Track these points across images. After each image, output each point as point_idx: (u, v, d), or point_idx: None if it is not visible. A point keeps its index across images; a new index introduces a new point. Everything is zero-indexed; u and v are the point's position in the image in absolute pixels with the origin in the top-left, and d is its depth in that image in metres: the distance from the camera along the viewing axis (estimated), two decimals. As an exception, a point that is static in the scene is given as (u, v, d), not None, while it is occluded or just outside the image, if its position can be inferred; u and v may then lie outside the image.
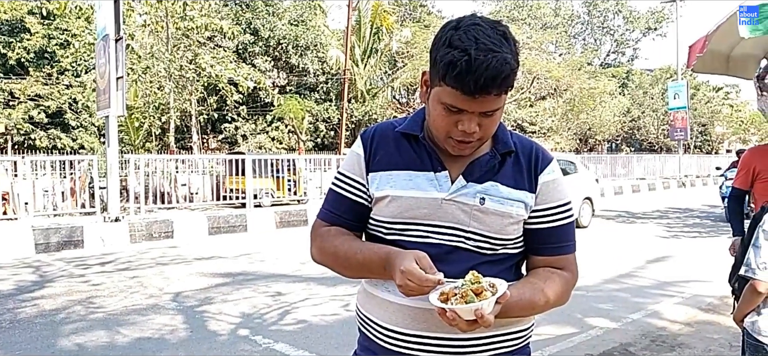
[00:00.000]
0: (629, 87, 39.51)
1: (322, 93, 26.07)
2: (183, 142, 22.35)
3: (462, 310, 1.22)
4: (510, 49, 1.27)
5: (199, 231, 11.08)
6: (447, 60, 1.25)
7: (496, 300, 1.24)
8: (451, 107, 1.30)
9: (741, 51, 4.59)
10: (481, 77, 1.23)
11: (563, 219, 1.45)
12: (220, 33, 18.06)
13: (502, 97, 1.30)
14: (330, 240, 1.47)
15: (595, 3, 43.51)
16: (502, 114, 1.38)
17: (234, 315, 5.58)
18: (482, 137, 1.35)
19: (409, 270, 1.25)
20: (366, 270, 1.42)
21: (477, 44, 1.23)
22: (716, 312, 5.53)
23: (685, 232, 11.71)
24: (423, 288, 1.25)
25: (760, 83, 0.81)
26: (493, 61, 1.23)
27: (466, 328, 1.24)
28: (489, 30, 1.27)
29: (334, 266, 1.50)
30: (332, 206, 1.50)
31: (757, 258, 2.26)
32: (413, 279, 1.25)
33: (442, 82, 1.29)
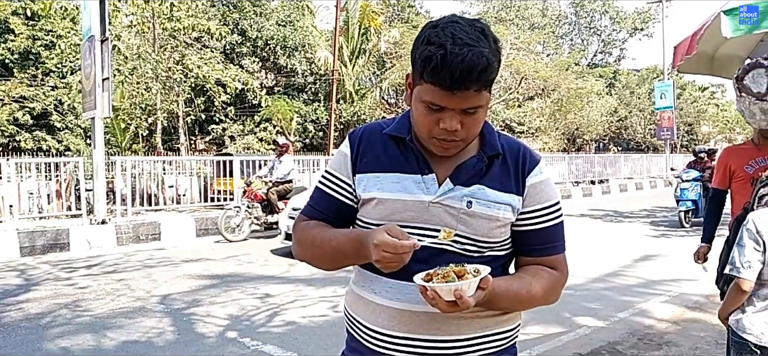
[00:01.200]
0: (616, 87, 39.76)
1: (310, 94, 26.02)
2: (170, 144, 22.20)
3: (442, 289, 1.23)
4: (488, 44, 1.28)
5: (187, 233, 11.02)
6: (424, 56, 1.27)
7: (479, 285, 1.25)
8: (431, 105, 1.30)
9: (725, 51, 4.65)
10: (457, 70, 1.23)
11: (552, 219, 1.45)
12: (208, 34, 17.95)
13: (483, 94, 1.30)
14: (308, 232, 1.48)
15: (582, 4, 43.75)
16: (487, 113, 1.37)
17: (222, 317, 5.55)
18: (466, 137, 1.35)
19: (383, 240, 1.25)
20: (341, 255, 1.42)
21: (454, 39, 1.24)
22: (703, 311, 5.58)
23: (671, 231, 11.80)
24: (400, 255, 1.25)
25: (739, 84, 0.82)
26: (469, 55, 1.23)
27: (446, 309, 1.24)
28: (467, 27, 1.28)
29: (312, 258, 1.50)
30: (316, 203, 1.51)
31: (741, 257, 2.29)
32: (388, 249, 1.24)
33: (421, 80, 1.30)
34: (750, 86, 0.69)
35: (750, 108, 0.67)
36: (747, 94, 0.69)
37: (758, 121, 0.66)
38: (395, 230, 1.28)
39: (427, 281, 1.26)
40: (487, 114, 1.38)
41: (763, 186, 2.57)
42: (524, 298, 1.40)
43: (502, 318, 1.44)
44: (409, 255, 1.26)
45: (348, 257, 1.41)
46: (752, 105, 0.68)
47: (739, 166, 3.53)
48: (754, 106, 0.67)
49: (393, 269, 1.29)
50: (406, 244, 1.25)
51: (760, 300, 2.34)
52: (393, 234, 1.26)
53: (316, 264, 1.52)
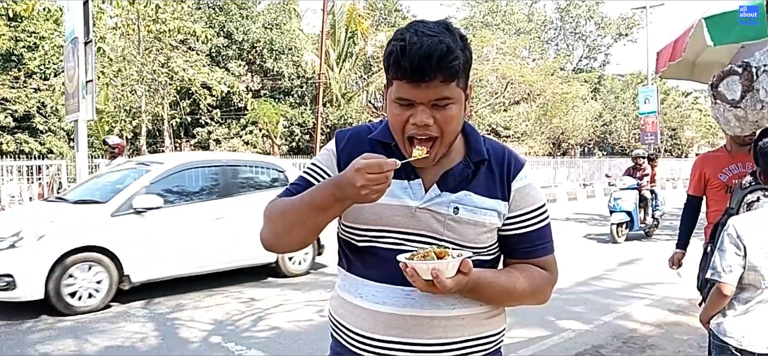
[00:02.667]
0: (601, 92, 40.12)
1: (296, 97, 25.94)
2: (155, 147, 22.03)
3: (419, 266, 1.24)
4: (451, 36, 1.29)
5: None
6: (387, 51, 1.30)
7: (459, 269, 1.26)
8: (401, 101, 1.31)
9: (706, 58, 4.70)
10: (416, 57, 1.25)
11: (539, 222, 1.46)
12: (193, 36, 17.84)
13: (452, 87, 1.30)
14: (279, 204, 1.41)
15: (567, 9, 44.13)
16: (462, 113, 1.36)
17: (206, 321, 5.51)
18: (440, 135, 1.33)
19: (365, 164, 1.21)
20: (315, 208, 1.31)
21: (415, 32, 1.27)
22: (685, 314, 5.63)
23: (657, 235, 11.90)
24: (386, 174, 1.21)
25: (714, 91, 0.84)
26: (427, 42, 1.25)
27: (424, 288, 1.25)
28: (431, 23, 1.31)
29: (282, 228, 1.38)
30: (297, 189, 1.45)
31: (722, 262, 2.31)
32: (373, 169, 1.20)
33: (389, 78, 1.32)
34: (724, 93, 0.70)
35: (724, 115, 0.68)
36: (721, 101, 0.70)
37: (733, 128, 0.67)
38: (372, 155, 1.25)
39: (409, 260, 1.27)
40: (465, 114, 1.37)
41: (750, 192, 2.60)
42: (511, 292, 1.40)
43: (488, 321, 1.44)
44: (392, 175, 1.23)
45: (323, 209, 1.30)
46: (726, 112, 0.69)
47: (713, 173, 3.58)
48: (729, 113, 0.68)
49: (378, 194, 1.23)
50: (389, 161, 1.22)
51: (740, 303, 2.37)
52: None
53: (285, 239, 1.41)
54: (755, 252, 2.26)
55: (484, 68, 26.91)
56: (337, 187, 1.26)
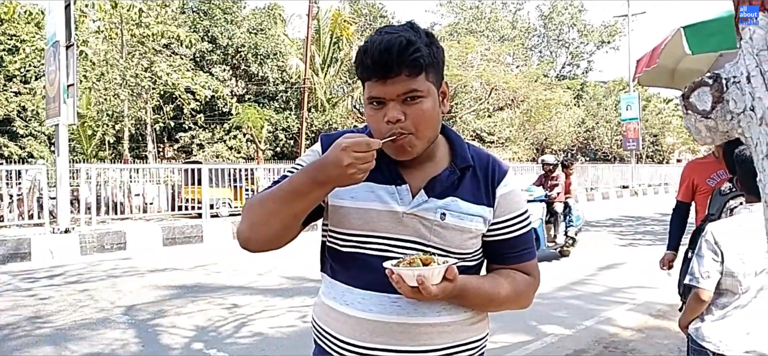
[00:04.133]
0: (584, 98, 40.53)
1: (281, 102, 25.88)
2: (138, 151, 21.84)
3: (405, 273, 1.24)
4: (415, 33, 1.31)
5: (153, 243, 10.82)
6: (356, 56, 1.34)
7: (445, 276, 1.26)
8: (372, 100, 1.33)
9: (686, 66, 4.76)
10: (376, 51, 1.28)
11: (522, 228, 1.48)
12: (177, 40, 17.72)
13: (420, 80, 1.30)
14: (256, 196, 1.38)
15: (550, 17, 44.57)
16: (437, 108, 1.36)
17: (188, 328, 5.46)
18: (414, 132, 1.32)
19: (351, 143, 1.19)
20: (294, 193, 1.27)
21: (380, 33, 1.31)
22: (666, 319, 5.68)
23: (637, 240, 12.03)
24: (372, 150, 1.20)
25: (685, 102, 0.85)
26: (387, 37, 1.28)
27: (410, 294, 1.25)
28: (396, 26, 1.34)
29: (260, 220, 1.33)
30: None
31: (700, 268, 2.33)
32: (359, 148, 1.18)
33: (362, 83, 1.35)
34: (696, 104, 0.72)
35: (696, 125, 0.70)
36: (693, 111, 0.72)
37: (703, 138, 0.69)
38: (356, 133, 1.27)
39: (395, 267, 1.28)
40: (442, 113, 1.39)
41: (733, 198, 2.63)
42: (495, 298, 1.41)
43: (472, 327, 1.44)
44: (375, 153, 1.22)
45: (303, 195, 1.26)
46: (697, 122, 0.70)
47: (702, 179, 3.64)
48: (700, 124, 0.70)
49: (364, 174, 1.21)
50: (374, 140, 1.22)
51: (718, 308, 2.39)
52: None
53: (262, 229, 1.34)
54: (732, 258, 2.29)
55: (469, 74, 27.06)
56: (320, 170, 1.23)
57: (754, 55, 0.78)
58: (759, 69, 0.78)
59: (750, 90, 0.80)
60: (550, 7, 44.63)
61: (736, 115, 0.82)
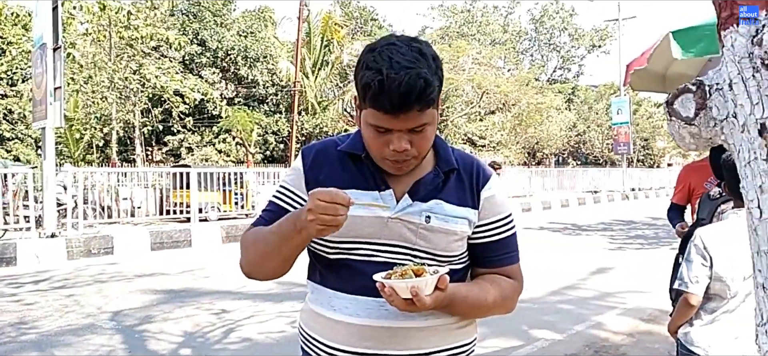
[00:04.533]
0: (575, 102, 40.76)
1: (271, 105, 25.83)
2: (126, 155, 21.71)
3: (398, 286, 1.23)
4: (427, 64, 1.27)
5: (141, 247, 10.73)
6: (363, 82, 1.27)
7: (437, 285, 1.26)
8: (377, 127, 1.30)
9: (675, 70, 4.79)
10: (395, 95, 1.23)
11: (506, 231, 1.48)
12: (166, 43, 17.65)
13: (428, 112, 1.30)
14: (252, 235, 1.44)
15: (542, 20, 44.83)
16: (436, 129, 1.38)
17: (176, 334, 5.40)
18: (417, 154, 1.35)
19: (316, 191, 1.21)
20: (282, 239, 1.32)
21: (391, 63, 1.24)
22: (656, 323, 5.69)
23: (628, 244, 12.07)
24: (335, 205, 1.19)
25: (669, 108, 0.85)
26: (406, 78, 1.23)
27: (403, 307, 1.24)
28: (404, 48, 1.27)
29: (256, 258, 1.41)
30: (270, 216, 1.46)
31: (689, 273, 2.33)
32: (323, 197, 1.19)
33: (365, 104, 1.30)
34: (679, 110, 0.71)
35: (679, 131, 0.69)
36: (676, 118, 0.71)
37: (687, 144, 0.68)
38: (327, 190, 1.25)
39: (386, 279, 1.27)
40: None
41: (724, 202, 2.63)
42: (483, 304, 1.42)
43: (460, 331, 1.45)
44: (346, 210, 1.21)
45: (290, 240, 1.31)
46: (681, 129, 0.69)
47: (698, 183, 3.65)
48: (683, 130, 0.69)
49: (331, 227, 1.21)
50: (341, 194, 1.21)
51: (707, 313, 2.39)
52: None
53: (259, 268, 1.43)
54: (721, 263, 2.28)
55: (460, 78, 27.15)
56: (297, 217, 1.27)
57: (735, 62, 0.77)
58: (741, 76, 0.77)
59: (732, 97, 0.78)
60: (542, 11, 44.90)
61: (718, 122, 0.80)
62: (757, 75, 0.74)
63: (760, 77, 0.74)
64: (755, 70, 0.74)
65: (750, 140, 0.77)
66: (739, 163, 0.80)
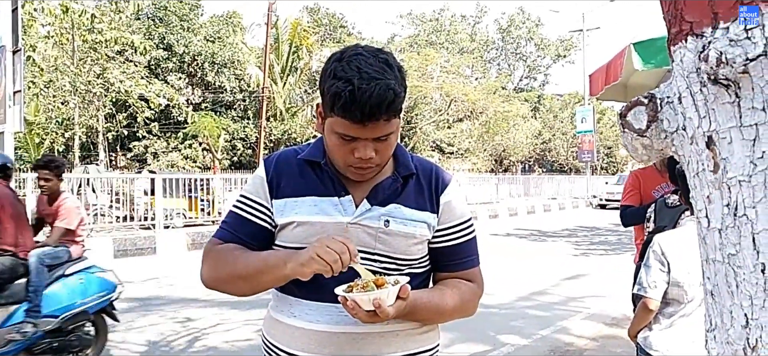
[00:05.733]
0: (541, 111, 41.38)
1: (239, 111, 25.57)
2: (89, 160, 21.21)
3: (361, 299, 1.24)
4: (393, 75, 1.30)
5: (104, 254, 10.47)
6: (332, 92, 1.28)
7: (399, 295, 1.28)
8: (344, 136, 1.32)
9: (636, 81, 4.91)
10: (366, 105, 1.25)
11: (466, 235, 1.50)
12: (131, 47, 17.34)
13: (394, 121, 1.33)
14: (227, 252, 1.44)
15: (508, 30, 45.46)
16: (398, 137, 1.41)
17: (139, 343, 5.30)
18: (380, 162, 1.38)
19: (325, 239, 1.28)
20: (264, 266, 1.37)
21: (360, 74, 1.26)
22: (619, 327, 5.80)
23: (592, 250, 12.29)
24: (345, 249, 1.26)
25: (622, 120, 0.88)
26: (377, 89, 1.25)
27: (366, 319, 1.25)
28: (371, 58, 1.30)
29: (228, 277, 1.42)
30: (232, 227, 1.48)
31: (648, 278, 2.39)
32: (333, 245, 1.25)
33: (332, 113, 1.31)
34: (632, 122, 0.73)
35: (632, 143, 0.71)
36: (629, 129, 0.73)
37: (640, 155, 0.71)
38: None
39: (348, 292, 1.27)
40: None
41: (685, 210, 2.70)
42: (444, 310, 1.43)
43: (422, 336, 1.46)
44: (350, 255, 1.27)
45: (273, 269, 1.35)
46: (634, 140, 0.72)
47: (647, 191, 3.78)
48: (636, 142, 0.71)
49: (331, 261, 1.26)
50: (350, 243, 1.28)
51: (665, 317, 2.45)
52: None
53: (230, 285, 1.44)
54: (678, 269, 2.34)
55: (429, 86, 27.31)
56: (289, 258, 1.32)
57: (684, 77, 0.80)
58: (689, 90, 0.79)
59: (681, 110, 0.81)
60: (508, 20, 45.55)
61: (669, 134, 0.83)
62: (704, 89, 0.77)
63: (706, 91, 0.77)
64: (702, 84, 0.77)
65: (698, 152, 0.80)
66: (689, 174, 0.83)
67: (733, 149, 0.76)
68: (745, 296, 0.77)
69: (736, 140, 0.75)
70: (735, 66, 0.72)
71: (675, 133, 0.82)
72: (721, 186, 0.78)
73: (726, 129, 0.76)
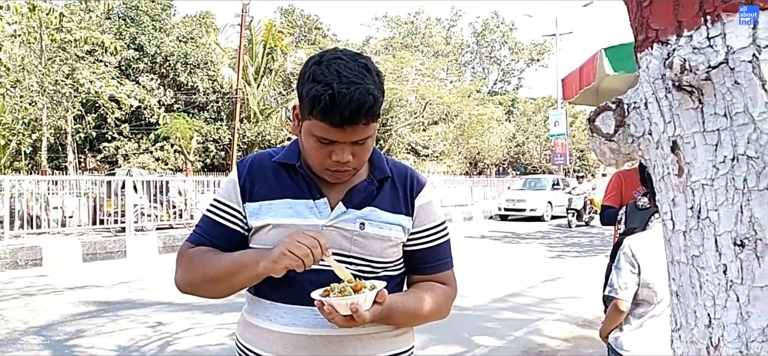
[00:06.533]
0: (514, 114, 41.80)
1: (212, 112, 25.28)
2: (57, 162, 20.77)
3: (338, 304, 1.25)
4: (372, 79, 1.31)
5: (73, 258, 10.29)
6: (312, 95, 1.28)
7: (375, 299, 1.29)
8: (322, 139, 1.32)
9: (607, 85, 5.00)
10: (346, 109, 1.26)
11: (440, 238, 1.52)
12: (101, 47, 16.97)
13: (371, 125, 1.33)
14: (199, 255, 1.44)
15: (483, 34, 45.85)
16: (374, 141, 1.41)
17: (109, 348, 5.21)
18: (357, 166, 1.38)
19: (296, 234, 1.29)
20: (237, 266, 1.38)
21: (340, 77, 1.26)
22: (592, 328, 5.89)
23: (566, 252, 12.45)
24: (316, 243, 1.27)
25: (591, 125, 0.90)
26: (356, 93, 1.26)
27: (343, 323, 1.26)
28: (350, 62, 1.30)
29: (201, 280, 1.43)
30: (205, 231, 1.48)
31: (618, 279, 2.43)
32: (303, 239, 1.27)
33: (310, 116, 1.31)
34: (600, 127, 0.75)
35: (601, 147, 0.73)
36: (597, 134, 0.75)
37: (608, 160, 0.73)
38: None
39: (325, 296, 1.28)
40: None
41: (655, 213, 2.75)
42: (419, 313, 1.45)
43: (397, 338, 1.47)
44: (322, 249, 1.29)
45: (245, 268, 1.36)
46: (602, 144, 0.74)
47: (628, 191, 3.83)
48: (604, 146, 0.73)
49: (302, 255, 1.27)
50: (321, 237, 1.30)
51: (635, 318, 2.49)
52: None
53: (203, 288, 1.45)
54: (648, 270, 2.39)
55: (404, 88, 27.38)
56: (262, 256, 1.33)
57: (650, 83, 0.82)
58: (655, 96, 0.81)
59: (648, 115, 0.83)
60: (483, 24, 45.94)
61: (636, 139, 0.85)
62: (669, 95, 0.79)
63: (671, 97, 0.79)
64: (667, 90, 0.79)
65: (663, 156, 0.82)
66: (655, 177, 0.85)
67: (697, 153, 0.78)
68: (708, 296, 0.79)
69: (700, 145, 0.78)
70: (698, 73, 0.74)
71: (641, 138, 0.84)
72: (685, 189, 0.80)
73: (690, 134, 0.78)
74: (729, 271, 0.77)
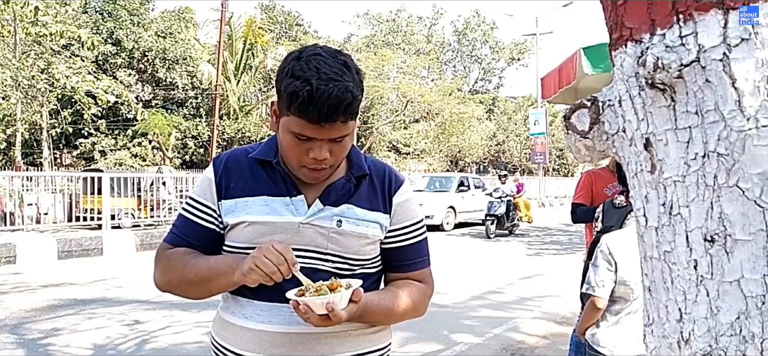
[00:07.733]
0: (495, 113, 42.08)
1: (191, 108, 25.02)
2: (32, 158, 20.41)
3: (314, 303, 1.25)
4: (351, 77, 1.30)
5: (47, 256, 10.11)
6: (290, 91, 1.27)
7: (350, 298, 1.28)
8: (299, 136, 1.31)
9: (585, 85, 5.05)
10: (324, 106, 1.25)
11: (417, 236, 1.52)
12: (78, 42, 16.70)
13: (350, 123, 1.33)
14: (177, 257, 1.44)
15: (464, 32, 46.04)
16: (353, 139, 1.41)
17: (84, 346, 5.13)
18: (334, 163, 1.38)
19: (264, 249, 1.28)
20: (213, 273, 1.38)
21: (318, 74, 1.26)
22: (570, 325, 5.93)
23: (544, 249, 12.56)
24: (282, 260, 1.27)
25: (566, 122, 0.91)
26: (335, 90, 1.25)
27: (319, 323, 1.26)
28: (330, 59, 1.29)
29: (179, 282, 1.44)
30: (180, 231, 1.47)
31: (596, 277, 2.46)
32: (270, 255, 1.27)
33: (288, 112, 1.30)
34: (575, 124, 0.77)
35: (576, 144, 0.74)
36: (573, 131, 0.76)
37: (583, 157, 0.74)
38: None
39: (300, 296, 1.27)
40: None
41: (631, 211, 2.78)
42: (395, 311, 1.45)
43: (374, 335, 1.47)
44: (288, 265, 1.28)
45: (220, 275, 1.37)
46: (577, 142, 0.75)
47: (599, 190, 3.91)
48: (579, 143, 0.74)
49: (269, 273, 1.27)
50: (290, 254, 1.29)
51: (612, 315, 2.53)
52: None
53: (181, 290, 1.46)
54: (625, 268, 2.42)
55: (385, 86, 27.38)
56: (237, 263, 1.34)
57: (624, 81, 0.83)
58: (629, 94, 0.82)
59: (622, 113, 0.84)
60: (464, 23, 46.12)
61: (610, 136, 0.86)
62: (642, 93, 0.80)
63: (644, 95, 0.80)
64: (641, 88, 0.80)
65: (637, 153, 0.83)
66: (628, 174, 0.86)
67: (669, 150, 0.79)
68: (679, 291, 0.81)
69: (672, 142, 0.79)
70: (671, 71, 0.75)
71: (615, 135, 0.85)
72: (657, 186, 0.81)
73: (662, 131, 0.79)
74: (699, 267, 0.78)
